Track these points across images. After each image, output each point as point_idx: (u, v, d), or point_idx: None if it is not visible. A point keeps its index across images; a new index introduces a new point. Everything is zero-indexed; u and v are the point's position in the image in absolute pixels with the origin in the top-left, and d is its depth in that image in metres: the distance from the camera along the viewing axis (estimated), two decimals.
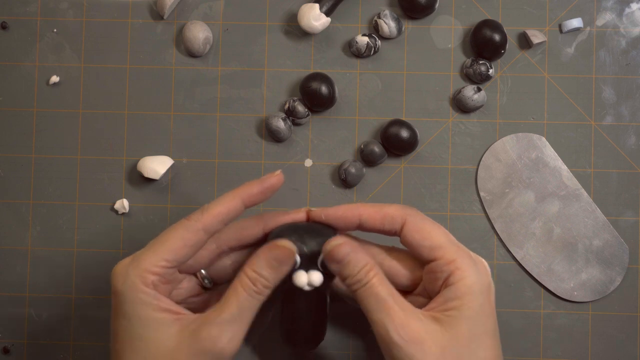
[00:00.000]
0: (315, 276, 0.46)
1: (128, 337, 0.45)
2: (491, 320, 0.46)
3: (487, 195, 0.57)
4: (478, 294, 0.45)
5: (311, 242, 0.47)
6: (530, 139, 0.57)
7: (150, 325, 0.45)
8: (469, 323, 0.45)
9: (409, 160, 0.58)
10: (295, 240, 0.46)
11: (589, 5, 0.58)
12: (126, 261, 0.46)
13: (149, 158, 0.57)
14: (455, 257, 0.46)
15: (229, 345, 0.44)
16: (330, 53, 0.58)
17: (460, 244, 0.47)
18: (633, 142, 0.57)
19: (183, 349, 0.44)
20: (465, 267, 0.45)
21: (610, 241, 0.57)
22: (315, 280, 0.46)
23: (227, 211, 0.47)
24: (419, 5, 0.57)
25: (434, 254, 0.46)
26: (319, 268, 0.47)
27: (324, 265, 0.46)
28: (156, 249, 0.46)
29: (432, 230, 0.47)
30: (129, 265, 0.46)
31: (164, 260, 0.45)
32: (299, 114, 0.57)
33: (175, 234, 0.46)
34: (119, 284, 0.45)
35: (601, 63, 0.58)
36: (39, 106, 0.59)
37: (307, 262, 0.46)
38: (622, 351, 0.56)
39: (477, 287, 0.45)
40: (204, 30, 0.57)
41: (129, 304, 0.45)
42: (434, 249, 0.46)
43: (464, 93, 0.57)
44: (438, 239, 0.46)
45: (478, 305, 0.45)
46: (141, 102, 0.58)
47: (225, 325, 0.44)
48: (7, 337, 0.58)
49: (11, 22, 0.59)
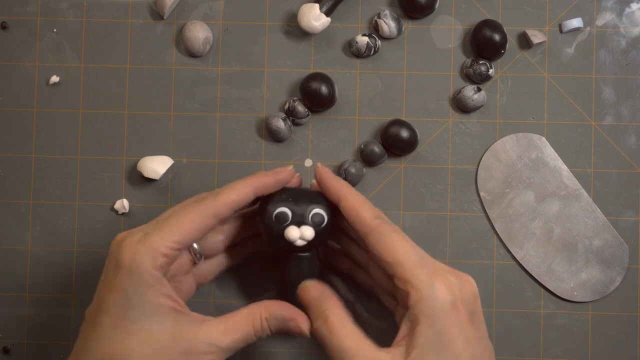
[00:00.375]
0: (307, 231, 0.49)
1: (121, 316, 0.44)
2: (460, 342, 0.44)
3: (487, 195, 0.57)
4: (437, 316, 0.43)
5: (303, 200, 0.49)
6: (530, 139, 0.57)
7: (149, 310, 0.44)
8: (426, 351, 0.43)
9: (409, 160, 0.58)
10: (286, 197, 0.49)
11: (589, 5, 0.58)
12: (135, 236, 0.45)
13: (149, 158, 0.57)
14: (411, 278, 0.44)
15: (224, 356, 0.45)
16: (330, 53, 0.58)
17: (425, 259, 0.45)
18: (633, 142, 0.57)
19: (174, 346, 0.44)
20: (420, 287, 0.44)
21: (610, 241, 0.57)
22: (306, 234, 0.49)
23: (239, 199, 0.47)
24: (419, 5, 0.57)
25: (393, 270, 0.45)
26: (310, 224, 0.49)
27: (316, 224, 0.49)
28: (168, 229, 0.45)
29: (396, 243, 0.45)
30: (140, 242, 0.44)
31: (175, 242, 0.45)
32: (299, 114, 0.57)
33: (187, 216, 0.45)
34: (126, 259, 0.44)
35: (601, 63, 0.58)
36: (39, 106, 0.59)
37: (299, 220, 0.49)
38: (622, 351, 0.56)
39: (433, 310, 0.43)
40: (204, 30, 0.57)
41: (134, 282, 0.44)
42: (393, 265, 0.45)
43: (464, 93, 0.57)
44: (398, 255, 0.45)
45: (436, 331, 0.43)
46: (141, 102, 0.58)
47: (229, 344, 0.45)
48: (7, 337, 0.58)
49: (11, 22, 0.59)
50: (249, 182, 0.48)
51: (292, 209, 0.49)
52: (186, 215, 0.46)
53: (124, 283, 0.44)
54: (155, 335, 0.44)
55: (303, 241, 0.49)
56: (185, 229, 0.45)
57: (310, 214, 0.49)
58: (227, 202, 0.47)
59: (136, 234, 0.45)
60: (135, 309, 0.44)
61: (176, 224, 0.45)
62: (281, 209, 0.49)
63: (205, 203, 0.46)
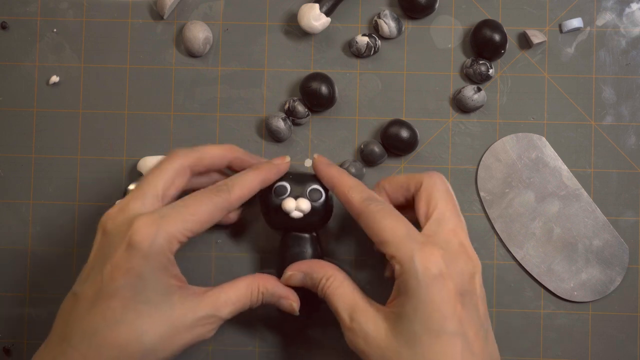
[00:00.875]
0: (303, 203, 0.51)
1: (133, 299, 0.45)
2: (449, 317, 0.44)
3: (487, 195, 0.57)
4: (421, 288, 0.44)
5: (303, 178, 0.52)
6: (530, 139, 0.57)
7: (161, 291, 0.46)
8: (412, 320, 0.44)
9: (409, 160, 0.58)
10: (287, 175, 0.52)
11: (589, 5, 0.58)
12: (151, 217, 0.45)
13: (149, 158, 0.57)
14: (395, 253, 0.45)
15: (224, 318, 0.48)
16: (330, 53, 0.58)
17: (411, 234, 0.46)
18: (633, 142, 0.57)
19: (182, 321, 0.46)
20: (403, 261, 0.45)
21: (610, 241, 0.57)
22: (302, 206, 0.51)
23: (249, 194, 0.50)
24: (419, 5, 0.57)
25: (382, 248, 0.47)
26: (307, 197, 0.51)
27: (313, 200, 0.51)
28: (185, 218, 0.46)
29: (383, 222, 0.47)
30: (159, 226, 0.45)
31: (191, 231, 0.47)
32: (299, 114, 0.57)
33: (204, 207, 0.47)
34: (145, 242, 0.45)
35: (601, 63, 0.58)
36: (39, 106, 0.59)
37: (297, 195, 0.52)
38: (622, 351, 0.56)
39: (417, 282, 0.44)
40: (204, 30, 0.57)
41: (151, 266, 0.45)
42: (381, 243, 0.47)
43: (464, 93, 0.57)
44: (385, 233, 0.46)
45: (421, 301, 0.44)
46: (141, 102, 0.58)
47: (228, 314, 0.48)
48: (7, 337, 0.58)
49: (11, 22, 0.59)
50: (257, 176, 0.51)
51: (291, 183, 0.52)
52: (203, 205, 0.47)
53: (140, 266, 0.45)
54: (165, 314, 0.45)
55: (299, 213, 0.51)
56: (202, 219, 0.47)
57: (308, 189, 0.52)
58: (240, 197, 0.49)
59: (152, 215, 0.46)
60: (148, 291, 0.45)
61: (195, 212, 0.47)
62: (281, 183, 0.52)
63: (222, 196, 0.48)
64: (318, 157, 0.52)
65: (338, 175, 0.51)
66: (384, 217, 0.47)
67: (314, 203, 0.52)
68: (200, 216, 0.47)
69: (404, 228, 0.46)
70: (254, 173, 0.51)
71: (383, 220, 0.47)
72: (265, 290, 0.50)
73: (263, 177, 0.51)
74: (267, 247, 0.57)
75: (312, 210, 0.52)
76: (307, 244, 0.53)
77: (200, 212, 0.47)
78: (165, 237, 0.45)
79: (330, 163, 0.52)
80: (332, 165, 0.52)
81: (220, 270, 0.57)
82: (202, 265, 0.57)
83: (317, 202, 0.52)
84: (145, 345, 0.45)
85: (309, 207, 0.51)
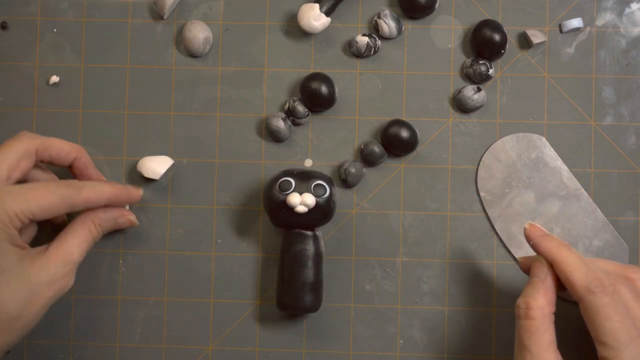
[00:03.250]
0: (308, 198, 0.52)
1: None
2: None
3: (487, 195, 0.57)
4: None
5: (307, 175, 0.53)
6: (530, 139, 0.57)
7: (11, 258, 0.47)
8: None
9: (409, 160, 0.58)
10: (291, 172, 0.53)
11: (589, 5, 0.58)
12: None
13: (149, 158, 0.57)
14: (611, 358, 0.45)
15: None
16: (330, 53, 0.58)
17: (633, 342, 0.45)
18: (633, 142, 0.57)
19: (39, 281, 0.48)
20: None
21: (610, 241, 0.57)
22: (307, 200, 0.52)
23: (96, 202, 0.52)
24: (419, 5, 0.57)
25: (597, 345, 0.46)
26: (311, 192, 0.52)
27: (318, 195, 0.52)
28: (29, 200, 0.48)
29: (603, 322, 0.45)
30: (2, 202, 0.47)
31: (32, 214, 0.48)
32: (299, 114, 0.57)
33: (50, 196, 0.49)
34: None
35: (601, 63, 0.58)
36: (39, 106, 0.59)
37: (302, 191, 0.52)
38: None
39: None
40: (204, 30, 0.57)
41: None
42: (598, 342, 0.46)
43: (464, 93, 0.57)
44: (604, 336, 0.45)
45: None
46: (141, 102, 0.58)
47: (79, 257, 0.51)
48: None
49: (11, 22, 0.59)
50: (110, 189, 0.52)
51: (296, 179, 0.52)
52: (50, 194, 0.49)
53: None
54: (22, 279, 0.48)
55: (304, 207, 0.52)
56: (44, 206, 0.49)
57: (313, 185, 0.52)
58: (87, 199, 0.51)
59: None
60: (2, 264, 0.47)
61: (39, 197, 0.48)
62: (285, 178, 0.52)
63: (70, 191, 0.50)
64: (531, 226, 0.50)
65: (558, 250, 0.48)
66: (607, 317, 0.45)
67: (318, 198, 0.52)
68: (44, 203, 0.48)
69: (626, 335, 0.45)
70: (107, 185, 0.53)
71: (606, 321, 0.45)
72: (100, 220, 0.52)
73: (115, 194, 0.53)
74: (267, 246, 0.57)
75: (316, 206, 0.52)
76: (310, 242, 0.53)
77: (45, 198, 0.49)
78: (7, 213, 0.47)
79: (546, 233, 0.49)
80: (548, 237, 0.49)
81: (220, 270, 0.57)
82: (202, 265, 0.57)
83: (321, 197, 0.52)
84: (10, 314, 0.47)
85: (313, 201, 0.52)
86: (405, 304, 0.57)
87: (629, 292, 0.47)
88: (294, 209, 0.52)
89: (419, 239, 0.57)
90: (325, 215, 0.53)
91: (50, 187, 0.49)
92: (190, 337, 0.57)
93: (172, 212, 0.58)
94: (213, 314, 0.57)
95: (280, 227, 0.55)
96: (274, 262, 0.57)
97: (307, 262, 0.53)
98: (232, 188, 0.58)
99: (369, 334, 0.57)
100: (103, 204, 0.52)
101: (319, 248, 0.54)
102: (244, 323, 0.57)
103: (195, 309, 0.57)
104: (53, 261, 0.49)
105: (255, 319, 0.57)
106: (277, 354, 0.57)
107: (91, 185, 0.52)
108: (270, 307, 0.57)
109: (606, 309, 0.45)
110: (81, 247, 0.51)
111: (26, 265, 0.48)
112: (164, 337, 0.57)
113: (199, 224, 0.58)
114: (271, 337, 0.57)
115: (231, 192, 0.58)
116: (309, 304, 0.53)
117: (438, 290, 0.57)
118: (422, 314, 0.57)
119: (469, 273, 0.57)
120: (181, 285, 0.57)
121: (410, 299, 0.57)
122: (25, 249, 0.49)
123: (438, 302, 0.57)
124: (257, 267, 0.57)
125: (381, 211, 0.57)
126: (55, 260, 0.49)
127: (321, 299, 0.54)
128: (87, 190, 0.51)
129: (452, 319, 0.57)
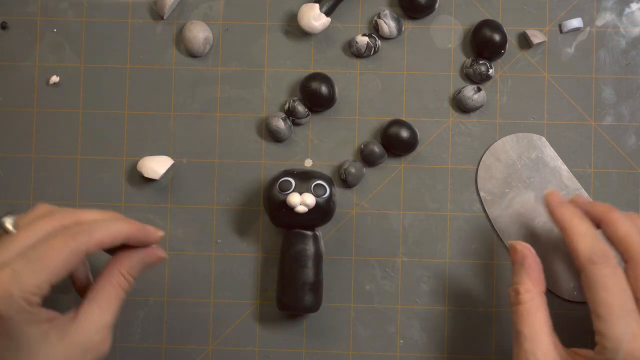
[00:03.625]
0: (308, 198, 0.52)
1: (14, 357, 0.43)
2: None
3: (487, 195, 0.57)
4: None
5: (307, 175, 0.53)
6: (530, 139, 0.57)
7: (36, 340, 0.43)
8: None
9: (409, 160, 0.58)
10: (292, 172, 0.53)
11: (589, 5, 0.58)
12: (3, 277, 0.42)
13: (149, 158, 0.57)
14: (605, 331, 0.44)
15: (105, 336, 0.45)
16: (330, 53, 0.58)
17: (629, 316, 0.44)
18: (633, 142, 0.57)
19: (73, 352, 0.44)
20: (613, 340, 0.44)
21: None
22: (307, 200, 0.52)
23: (111, 242, 0.46)
24: (419, 5, 0.57)
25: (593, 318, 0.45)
26: (311, 192, 0.52)
27: (318, 195, 0.52)
28: (40, 269, 0.43)
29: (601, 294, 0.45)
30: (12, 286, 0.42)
31: (47, 282, 0.43)
32: (299, 114, 0.57)
33: (60, 257, 0.43)
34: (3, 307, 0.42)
35: (601, 63, 0.58)
36: (39, 106, 0.59)
37: (302, 191, 0.52)
38: None
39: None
40: (204, 30, 0.57)
41: (16, 326, 0.42)
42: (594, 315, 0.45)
43: (464, 93, 0.57)
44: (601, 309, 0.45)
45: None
46: (141, 102, 0.58)
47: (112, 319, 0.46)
48: None
49: (11, 22, 0.59)
50: (125, 229, 0.46)
51: (296, 179, 0.53)
52: (59, 254, 0.43)
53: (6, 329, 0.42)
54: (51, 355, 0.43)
55: (304, 207, 0.52)
56: (57, 269, 0.43)
57: (313, 185, 0.52)
58: (101, 242, 0.45)
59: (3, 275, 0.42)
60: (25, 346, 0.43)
61: (49, 261, 0.43)
62: (285, 178, 0.52)
63: (79, 240, 0.44)
64: (550, 192, 0.50)
65: (569, 218, 0.48)
66: (605, 288, 0.45)
67: (318, 198, 0.52)
68: (56, 266, 0.43)
69: (621, 309, 0.44)
70: (122, 223, 0.47)
71: (603, 292, 0.45)
72: (127, 269, 0.47)
73: (133, 233, 0.47)
74: (267, 246, 0.57)
75: (315, 206, 0.52)
76: (310, 242, 0.54)
77: (55, 262, 0.43)
78: (21, 295, 0.42)
79: (564, 202, 0.49)
80: (565, 205, 0.49)
81: (221, 270, 0.57)
82: (202, 265, 0.57)
83: (321, 197, 0.52)
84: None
85: (313, 201, 0.52)
86: (405, 304, 0.57)
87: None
88: (294, 209, 0.52)
89: (419, 239, 0.57)
90: (325, 215, 0.53)
91: (57, 245, 0.43)
92: (190, 337, 0.57)
93: (172, 212, 0.58)
94: (213, 314, 0.57)
95: (280, 227, 0.55)
96: (274, 262, 0.57)
97: (307, 262, 0.53)
98: (232, 188, 0.58)
99: (369, 334, 0.57)
100: (119, 243, 0.46)
101: (319, 248, 0.54)
102: (244, 323, 0.57)
103: (195, 309, 0.57)
104: (83, 331, 0.44)
105: (255, 319, 0.57)
106: (277, 354, 0.57)
107: (104, 225, 0.46)
108: (270, 307, 0.57)
109: (605, 279, 0.45)
110: (112, 307, 0.46)
111: (53, 343, 0.43)
112: (164, 337, 0.57)
113: (198, 224, 0.58)
114: (271, 337, 0.57)
115: (231, 192, 0.58)
116: (309, 304, 0.53)
117: (438, 290, 0.57)
118: (422, 314, 0.57)
119: (469, 273, 0.57)
120: (181, 285, 0.57)
121: (410, 299, 0.57)
122: (52, 320, 0.44)
123: (438, 302, 0.57)
124: (257, 267, 0.57)
125: (381, 211, 0.57)
126: (85, 328, 0.44)
127: (321, 299, 0.54)
128: (99, 233, 0.45)
129: (452, 319, 0.57)
